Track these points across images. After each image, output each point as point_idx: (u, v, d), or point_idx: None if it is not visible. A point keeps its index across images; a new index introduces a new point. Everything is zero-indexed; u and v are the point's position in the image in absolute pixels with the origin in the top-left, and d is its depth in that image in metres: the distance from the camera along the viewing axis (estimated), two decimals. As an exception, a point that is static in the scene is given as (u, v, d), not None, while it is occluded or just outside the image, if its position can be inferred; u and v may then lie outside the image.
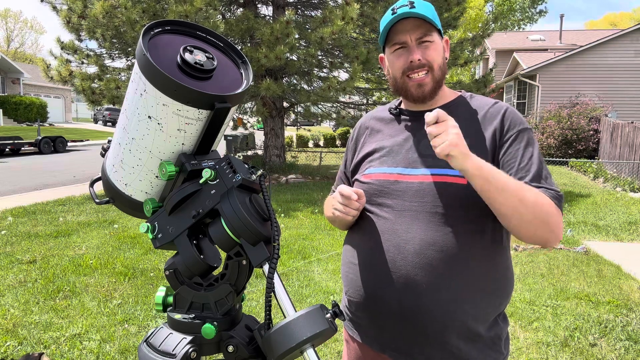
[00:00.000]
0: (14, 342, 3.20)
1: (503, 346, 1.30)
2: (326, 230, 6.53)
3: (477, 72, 27.02)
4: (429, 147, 1.24)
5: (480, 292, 1.23)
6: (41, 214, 7.34)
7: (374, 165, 1.35)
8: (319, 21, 9.04)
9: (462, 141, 1.10)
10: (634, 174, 11.32)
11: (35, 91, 34.71)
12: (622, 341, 3.34)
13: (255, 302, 3.94)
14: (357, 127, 1.51)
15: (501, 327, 1.29)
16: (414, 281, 1.22)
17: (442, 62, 1.30)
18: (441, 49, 1.30)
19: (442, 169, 1.23)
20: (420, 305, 1.21)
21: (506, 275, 1.29)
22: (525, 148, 1.23)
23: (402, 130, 1.36)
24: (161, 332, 1.11)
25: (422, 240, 1.22)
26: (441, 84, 1.32)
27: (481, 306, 1.23)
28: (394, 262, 1.25)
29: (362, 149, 1.43)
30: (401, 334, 1.26)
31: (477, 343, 1.24)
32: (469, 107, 1.32)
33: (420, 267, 1.21)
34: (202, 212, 1.05)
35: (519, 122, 1.27)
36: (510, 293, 1.32)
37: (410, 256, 1.23)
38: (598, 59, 18.01)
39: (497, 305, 1.26)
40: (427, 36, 1.26)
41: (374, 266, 1.29)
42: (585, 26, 58.66)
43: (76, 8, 8.90)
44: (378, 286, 1.28)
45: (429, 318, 1.21)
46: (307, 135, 24.87)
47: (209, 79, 1.06)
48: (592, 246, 5.92)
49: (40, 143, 18.12)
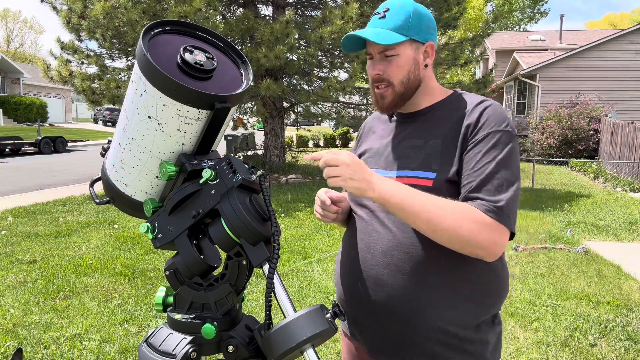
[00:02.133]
0: (14, 342, 3.20)
1: (489, 352, 1.25)
2: (326, 230, 6.53)
3: (477, 72, 27.03)
4: (405, 149, 1.27)
5: (453, 296, 1.20)
6: (41, 214, 7.34)
7: None
8: (319, 21, 9.04)
9: (357, 176, 1.09)
10: (634, 174, 11.32)
11: (35, 91, 34.71)
12: (622, 341, 3.34)
13: (255, 302, 3.94)
14: (362, 126, 1.55)
15: (486, 332, 1.24)
16: (382, 281, 1.23)
17: (405, 76, 1.25)
18: (409, 61, 1.24)
19: (411, 170, 1.24)
20: (390, 306, 1.22)
21: (489, 280, 1.24)
22: (487, 152, 1.16)
23: (390, 131, 1.37)
24: (161, 332, 1.11)
25: (389, 241, 1.24)
26: (407, 96, 1.28)
27: (455, 311, 1.20)
28: (365, 261, 1.28)
29: (359, 149, 1.46)
30: (376, 334, 1.28)
31: (455, 347, 1.21)
32: (454, 106, 1.28)
33: (388, 267, 1.23)
34: (202, 212, 1.06)
35: (495, 122, 1.19)
36: (499, 299, 1.27)
37: (379, 256, 1.25)
38: (598, 59, 18.01)
39: (476, 311, 1.22)
40: (389, 50, 1.23)
41: (350, 266, 1.33)
42: (585, 26, 58.76)
43: (76, 8, 8.90)
44: (352, 286, 1.31)
45: (398, 319, 1.22)
46: (307, 135, 24.86)
47: (209, 79, 1.06)
48: (592, 246, 5.92)
49: (40, 143, 18.12)
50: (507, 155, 1.16)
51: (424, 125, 1.29)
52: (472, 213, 1.10)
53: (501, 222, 1.10)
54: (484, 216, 1.10)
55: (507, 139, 1.18)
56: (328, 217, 1.35)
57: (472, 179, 1.15)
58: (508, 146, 1.17)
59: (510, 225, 1.12)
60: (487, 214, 1.10)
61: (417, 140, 1.27)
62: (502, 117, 1.20)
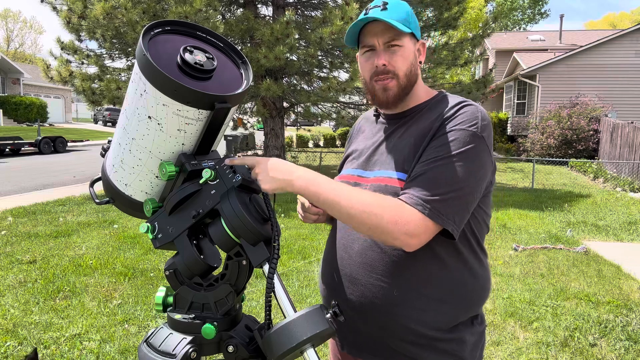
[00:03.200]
0: (14, 342, 3.20)
1: (468, 351, 1.22)
2: (326, 230, 6.51)
3: (477, 72, 27.03)
4: (385, 151, 1.28)
5: (425, 297, 1.19)
6: (41, 214, 7.34)
7: (347, 166, 1.40)
8: (319, 21, 9.04)
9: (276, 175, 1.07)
10: (634, 174, 11.32)
11: (35, 91, 34.71)
12: (622, 341, 3.34)
13: (255, 302, 3.94)
14: (353, 127, 1.55)
15: (463, 331, 1.22)
16: (357, 280, 1.25)
17: (409, 68, 1.24)
18: (411, 54, 1.25)
19: (386, 170, 1.23)
20: (363, 305, 1.24)
21: (468, 281, 1.22)
22: (441, 146, 1.13)
23: (377, 132, 1.37)
24: (161, 332, 1.11)
25: (365, 241, 1.24)
26: (408, 91, 1.27)
27: (429, 312, 1.19)
28: (342, 260, 1.29)
29: (348, 150, 1.47)
30: (354, 332, 1.29)
31: (431, 348, 1.20)
32: (436, 107, 1.26)
33: (362, 267, 1.24)
34: (202, 212, 1.06)
35: (462, 121, 1.15)
36: (477, 300, 1.25)
37: (354, 255, 1.26)
38: (598, 59, 18.01)
39: (451, 312, 1.20)
40: (396, 40, 1.21)
41: (330, 265, 1.35)
42: (585, 27, 58.71)
43: (76, 8, 8.90)
44: (330, 284, 1.33)
45: (372, 318, 1.23)
46: (307, 135, 24.88)
47: (209, 79, 1.06)
48: (592, 246, 5.92)
49: (40, 143, 18.13)
50: (462, 153, 1.11)
51: (406, 126, 1.28)
52: (390, 202, 1.09)
53: (431, 216, 1.08)
54: (405, 207, 1.08)
55: (469, 139, 1.13)
56: (309, 218, 1.40)
57: (415, 172, 1.14)
58: (468, 146, 1.12)
59: (442, 220, 1.09)
60: (415, 206, 1.08)
61: (399, 141, 1.26)
62: (473, 118, 1.16)
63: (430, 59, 10.95)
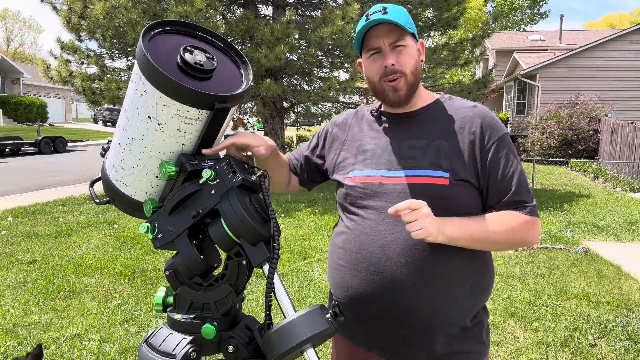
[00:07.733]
0: (14, 342, 3.20)
1: (484, 336, 1.36)
2: (326, 230, 6.53)
3: (477, 72, 27.02)
4: (410, 150, 1.31)
5: (462, 288, 1.29)
6: (41, 214, 7.34)
7: (358, 167, 1.38)
8: (319, 21, 9.03)
9: (435, 225, 1.14)
10: (634, 174, 11.32)
11: (35, 91, 34.70)
12: (622, 341, 3.34)
13: (255, 302, 3.94)
14: (327, 127, 1.54)
15: (482, 318, 1.36)
16: (400, 281, 1.26)
17: (415, 66, 1.32)
18: (415, 52, 1.33)
19: (424, 170, 1.28)
20: (406, 305, 1.25)
21: (485, 271, 1.35)
22: (506, 157, 1.29)
23: (385, 132, 1.39)
24: (161, 332, 1.11)
25: (406, 241, 1.26)
26: (416, 88, 1.35)
27: (464, 302, 1.29)
28: (379, 262, 1.28)
29: (343, 146, 1.45)
30: (388, 334, 1.30)
31: (461, 337, 1.30)
32: (446, 111, 1.35)
33: (406, 267, 1.25)
34: (202, 212, 1.06)
35: (498, 129, 1.31)
36: (490, 287, 1.38)
37: (395, 257, 1.26)
38: (598, 59, 18.01)
39: (478, 300, 1.33)
40: (401, 41, 1.29)
41: (360, 267, 1.32)
42: (585, 27, 58.65)
43: (76, 8, 8.89)
44: (364, 287, 1.31)
45: (414, 317, 1.26)
46: (307, 135, 24.85)
47: (209, 79, 1.06)
48: (592, 246, 5.92)
49: (40, 143, 18.12)
50: (514, 152, 1.31)
51: (421, 126, 1.34)
52: (517, 225, 1.26)
53: (536, 214, 1.29)
54: (527, 217, 1.27)
55: (508, 138, 1.33)
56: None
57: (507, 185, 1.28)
58: (511, 145, 1.32)
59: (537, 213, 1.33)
60: (530, 215, 1.27)
61: (418, 141, 1.31)
62: (497, 121, 1.34)
63: (430, 59, 10.93)
